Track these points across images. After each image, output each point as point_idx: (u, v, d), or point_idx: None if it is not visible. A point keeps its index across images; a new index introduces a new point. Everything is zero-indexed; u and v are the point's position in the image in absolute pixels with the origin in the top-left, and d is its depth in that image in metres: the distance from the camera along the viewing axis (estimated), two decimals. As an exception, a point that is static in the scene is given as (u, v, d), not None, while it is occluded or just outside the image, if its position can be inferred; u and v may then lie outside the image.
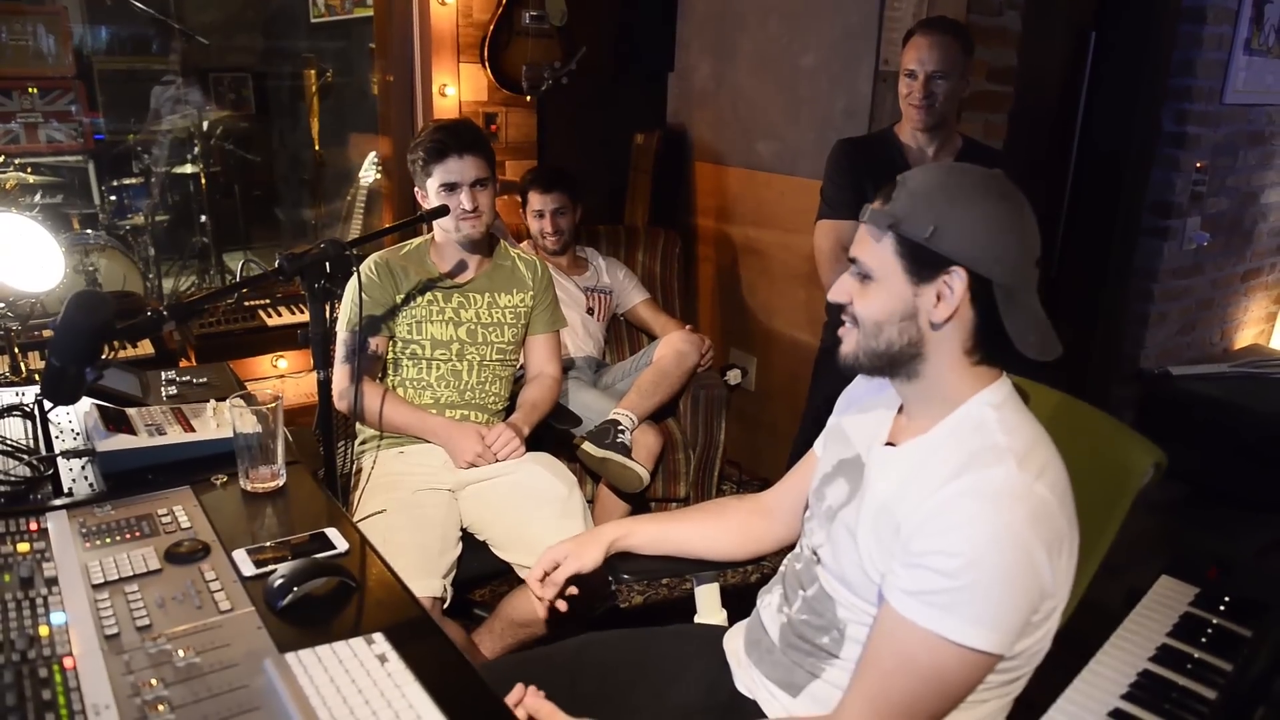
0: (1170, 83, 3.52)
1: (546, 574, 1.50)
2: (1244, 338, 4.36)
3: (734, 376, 2.95)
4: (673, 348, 2.70)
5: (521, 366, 2.38)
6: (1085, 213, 3.56)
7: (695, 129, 3.70)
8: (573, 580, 1.51)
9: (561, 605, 1.52)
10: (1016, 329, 1.08)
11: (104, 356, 1.29)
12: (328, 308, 1.66)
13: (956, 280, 1.07)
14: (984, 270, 1.07)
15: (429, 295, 2.17)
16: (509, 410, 2.31)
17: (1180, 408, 3.66)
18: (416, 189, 2.14)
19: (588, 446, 2.43)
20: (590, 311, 2.97)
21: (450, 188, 2.07)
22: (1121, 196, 3.57)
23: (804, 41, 3.19)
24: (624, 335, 3.22)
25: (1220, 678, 1.26)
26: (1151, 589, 1.48)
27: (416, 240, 2.25)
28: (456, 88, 3.28)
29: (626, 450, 2.42)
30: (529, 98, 3.35)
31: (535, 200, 2.93)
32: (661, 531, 1.56)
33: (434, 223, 2.10)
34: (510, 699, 1.23)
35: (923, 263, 1.09)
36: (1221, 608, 1.40)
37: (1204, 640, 1.34)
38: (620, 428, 2.45)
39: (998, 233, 1.08)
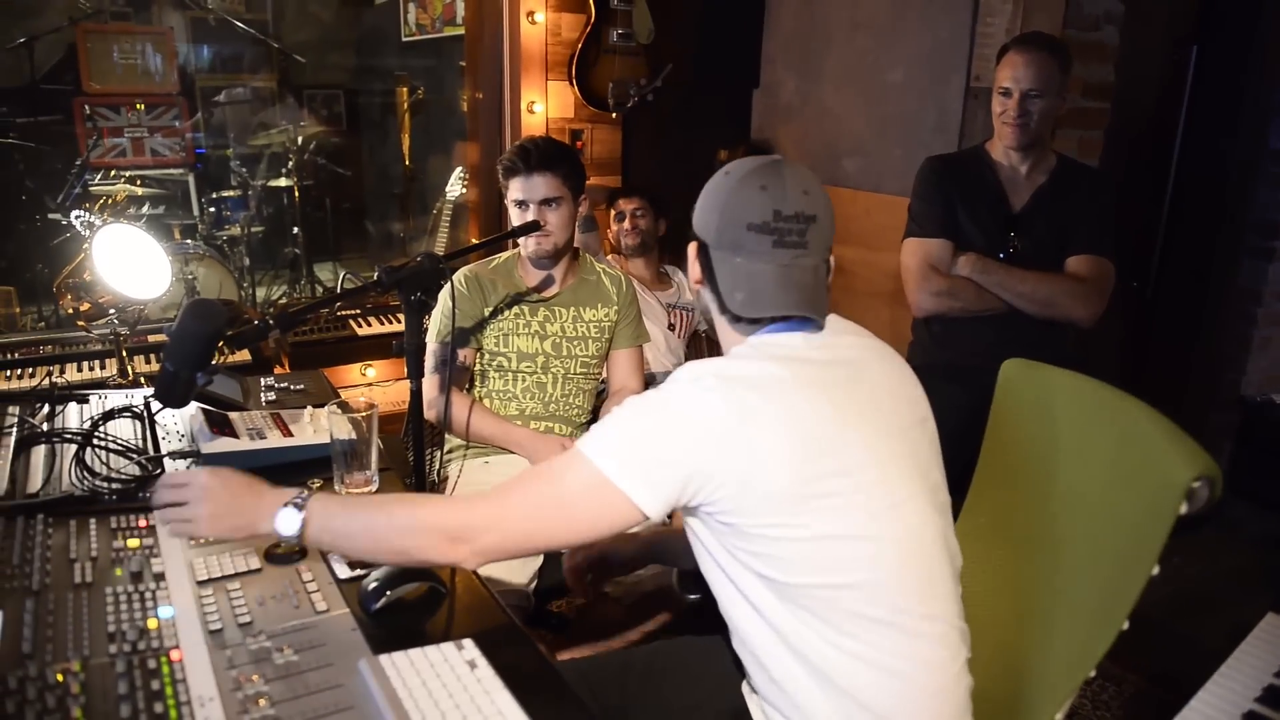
0: (1277, 97, 3.38)
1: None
2: (1354, 365, 4.14)
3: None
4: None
5: (604, 380, 2.40)
6: (1184, 231, 3.44)
7: (780, 145, 3.69)
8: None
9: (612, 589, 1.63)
10: (725, 286, 1.21)
11: (213, 363, 1.34)
12: (423, 319, 1.70)
13: (693, 246, 1.26)
14: (700, 234, 1.24)
15: (516, 309, 2.20)
16: (592, 423, 2.32)
17: (1284, 437, 3.50)
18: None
19: None
20: (671, 327, 2.99)
21: (520, 204, 2.10)
22: (1224, 215, 3.44)
23: (892, 57, 3.16)
24: (705, 352, 3.22)
25: (1333, 722, 1.20)
26: (1256, 627, 1.43)
27: (505, 254, 2.29)
28: (544, 104, 3.34)
29: None
30: (615, 114, 3.38)
31: (620, 204, 3.13)
32: None
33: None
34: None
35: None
36: (1334, 648, 1.34)
37: (1315, 681, 1.28)
38: None
39: (708, 201, 1.23)
